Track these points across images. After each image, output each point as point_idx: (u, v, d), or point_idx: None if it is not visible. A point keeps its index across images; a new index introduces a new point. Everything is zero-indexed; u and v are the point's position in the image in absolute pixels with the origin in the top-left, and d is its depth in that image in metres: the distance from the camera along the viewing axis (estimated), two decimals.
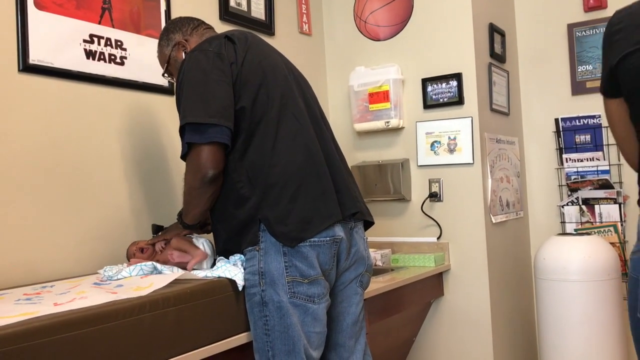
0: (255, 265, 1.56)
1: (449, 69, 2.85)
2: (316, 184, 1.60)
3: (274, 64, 1.70)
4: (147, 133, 2.20)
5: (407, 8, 2.98)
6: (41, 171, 1.85)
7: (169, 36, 1.85)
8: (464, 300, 2.82)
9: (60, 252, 1.88)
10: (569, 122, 3.22)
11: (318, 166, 1.63)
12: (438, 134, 2.87)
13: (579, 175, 3.18)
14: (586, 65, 3.18)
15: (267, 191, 1.57)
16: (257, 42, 1.73)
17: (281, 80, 1.68)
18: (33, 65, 1.84)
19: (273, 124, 1.61)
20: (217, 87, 1.57)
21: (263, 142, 1.59)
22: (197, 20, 1.90)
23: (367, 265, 1.78)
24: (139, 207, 2.14)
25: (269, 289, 1.53)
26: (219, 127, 1.54)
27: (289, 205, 1.56)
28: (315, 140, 1.67)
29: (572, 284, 2.67)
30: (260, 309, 1.54)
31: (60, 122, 1.91)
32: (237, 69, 1.61)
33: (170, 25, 1.88)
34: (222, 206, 1.64)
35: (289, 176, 1.58)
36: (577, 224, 3.16)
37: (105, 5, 2.06)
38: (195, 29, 1.86)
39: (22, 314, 1.19)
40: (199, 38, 1.82)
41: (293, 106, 1.66)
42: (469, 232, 2.80)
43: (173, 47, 1.84)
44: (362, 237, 1.77)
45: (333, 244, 1.61)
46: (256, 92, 1.61)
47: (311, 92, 1.84)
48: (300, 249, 1.55)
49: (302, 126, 1.65)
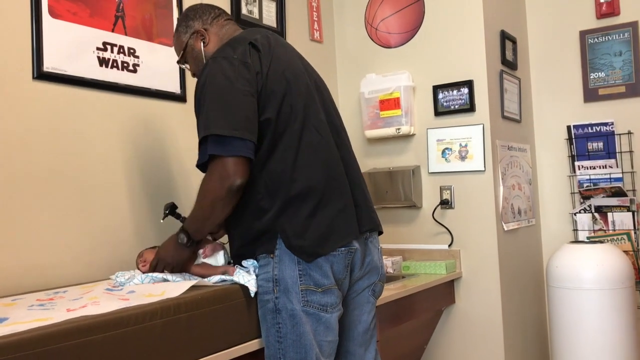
0: (269, 272, 1.55)
1: (460, 76, 2.84)
2: (336, 200, 1.59)
3: (296, 72, 1.67)
4: (159, 140, 2.21)
5: (418, 15, 2.98)
6: (54, 177, 1.86)
7: (187, 23, 1.78)
8: (476, 308, 2.80)
9: (72, 258, 1.89)
10: (581, 129, 3.20)
11: (338, 181, 1.62)
12: (449, 141, 2.87)
13: (591, 183, 3.16)
14: (598, 72, 3.16)
15: (286, 204, 1.55)
16: (279, 48, 1.68)
17: (304, 89, 1.65)
18: (47, 72, 1.86)
19: (295, 136, 1.58)
20: (242, 98, 1.52)
21: (285, 154, 1.56)
22: (218, 9, 1.83)
23: (381, 274, 1.77)
24: (150, 214, 2.14)
25: (282, 296, 1.53)
26: (243, 140, 1.49)
27: (307, 219, 1.54)
28: (337, 154, 1.66)
29: (585, 292, 2.65)
30: (274, 316, 1.53)
31: (73, 129, 1.93)
32: (262, 79, 1.57)
33: (190, 11, 1.81)
34: (240, 215, 1.61)
35: (309, 190, 1.56)
36: (590, 232, 3.14)
37: (119, 13, 2.08)
38: (216, 18, 1.78)
39: (35, 319, 1.20)
40: (218, 29, 1.77)
41: (315, 118, 1.64)
42: (480, 239, 2.79)
43: (191, 34, 1.77)
44: (376, 246, 1.76)
45: (347, 254, 1.60)
46: (280, 103, 1.57)
47: (330, 97, 1.81)
48: (316, 259, 1.54)
49: (324, 139, 1.63)
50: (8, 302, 1.49)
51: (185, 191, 2.26)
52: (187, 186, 2.27)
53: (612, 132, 3.11)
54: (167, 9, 2.26)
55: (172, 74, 2.27)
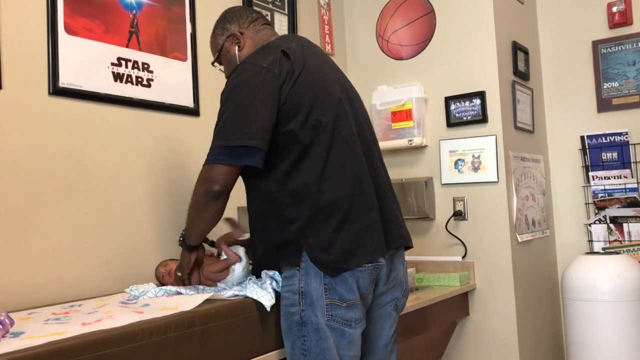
0: (295, 285, 1.54)
1: (472, 87, 2.84)
2: (363, 215, 1.58)
3: (327, 83, 1.65)
4: (173, 154, 2.23)
5: (430, 27, 2.99)
6: (70, 191, 1.88)
7: (225, 25, 1.79)
8: (490, 320, 2.78)
9: (87, 272, 1.91)
10: (595, 139, 3.18)
11: (367, 196, 1.60)
12: (462, 152, 2.86)
13: (606, 193, 3.13)
14: (612, 82, 3.15)
15: (312, 217, 1.53)
16: (313, 58, 1.67)
17: (335, 101, 1.63)
18: (63, 88, 1.89)
19: (324, 149, 1.56)
20: (261, 107, 1.52)
21: (313, 166, 1.55)
22: (256, 13, 1.83)
23: (404, 290, 1.76)
24: (164, 228, 2.16)
25: (308, 309, 1.51)
26: (254, 149, 1.50)
27: (333, 234, 1.53)
28: (365, 168, 1.64)
29: (602, 304, 2.62)
30: (299, 329, 1.52)
31: (88, 144, 1.95)
32: (287, 89, 1.55)
33: (229, 14, 1.81)
34: (264, 224, 1.61)
35: (336, 204, 1.54)
36: (605, 243, 3.11)
37: (133, 29, 2.11)
38: (253, 22, 1.78)
39: (51, 333, 1.21)
40: (254, 34, 1.77)
41: (345, 130, 1.62)
42: (494, 251, 2.77)
43: (227, 37, 1.77)
44: (401, 262, 1.75)
45: (374, 270, 1.59)
46: (306, 115, 1.56)
47: (363, 110, 1.79)
48: (341, 274, 1.53)
49: (353, 152, 1.61)
50: (24, 315, 1.50)
51: None
52: None
53: (627, 142, 3.09)
54: (181, 24, 2.29)
55: (186, 89, 2.29)
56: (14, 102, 1.77)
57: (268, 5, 2.72)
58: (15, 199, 1.74)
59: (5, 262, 1.71)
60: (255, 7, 2.64)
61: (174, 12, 2.27)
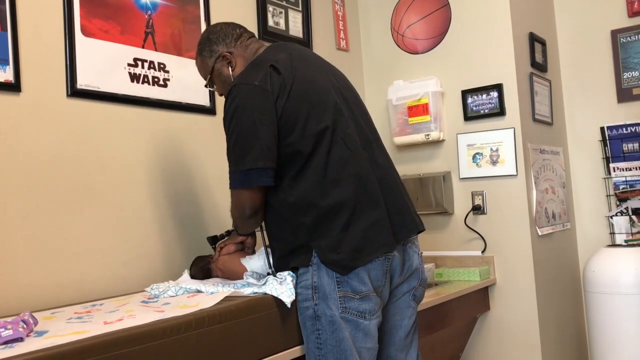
0: (308, 280, 1.58)
1: (489, 80, 2.82)
2: (369, 213, 1.60)
3: (321, 90, 1.67)
4: (190, 152, 2.24)
5: (445, 20, 2.97)
6: (89, 192, 1.90)
7: (211, 47, 1.79)
8: (511, 314, 2.76)
9: (108, 271, 1.93)
10: (616, 130, 3.14)
11: (370, 194, 1.62)
12: (480, 145, 2.84)
13: (627, 185, 3.09)
14: (632, 72, 3.10)
15: (319, 220, 1.57)
16: (302, 66, 1.69)
17: (330, 107, 1.65)
18: (81, 89, 1.91)
19: (323, 154, 1.59)
20: (264, 128, 1.57)
21: (314, 172, 1.59)
22: (239, 27, 1.83)
23: (421, 279, 1.78)
24: (183, 226, 2.17)
25: (321, 303, 1.55)
26: (262, 170, 1.56)
27: (341, 234, 1.56)
28: (367, 166, 1.65)
29: (625, 297, 2.59)
30: (313, 323, 1.56)
31: (107, 144, 1.97)
32: (282, 104, 1.59)
33: (212, 34, 1.80)
34: (277, 231, 1.68)
35: (341, 205, 1.57)
36: (628, 235, 3.06)
37: (148, 29, 2.12)
38: (239, 39, 1.79)
39: (73, 332, 1.23)
40: (243, 50, 1.78)
41: (343, 132, 1.64)
42: (514, 245, 2.75)
43: (217, 59, 1.78)
44: (416, 251, 1.76)
45: (385, 261, 1.61)
46: (303, 126, 1.59)
47: (361, 108, 1.81)
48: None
49: (353, 152, 1.63)
50: (48, 315, 1.52)
51: (217, 203, 2.29)
52: (220, 197, 2.29)
53: None
54: (196, 24, 2.30)
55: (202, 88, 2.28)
56: (33, 104, 1.79)
57: (282, 3, 2.72)
58: (36, 201, 1.77)
59: (28, 263, 1.73)
60: (270, 4, 2.65)
61: (189, 12, 2.28)
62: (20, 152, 1.75)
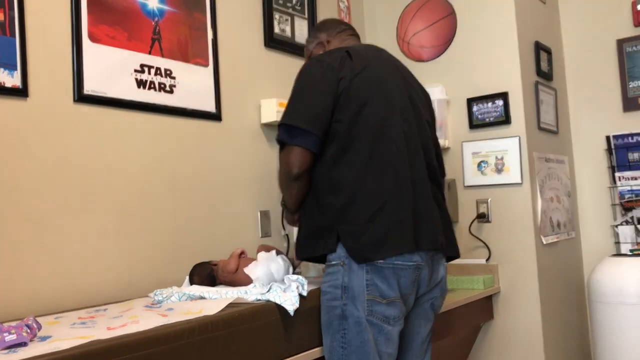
0: (338, 280, 1.60)
1: (494, 88, 2.82)
2: (395, 211, 1.61)
3: (385, 85, 1.74)
4: (196, 159, 2.24)
5: (451, 28, 2.97)
6: (94, 197, 1.91)
7: (316, 34, 1.99)
8: (515, 323, 2.75)
9: (112, 277, 1.93)
10: (621, 139, 3.13)
11: (402, 194, 1.64)
12: (485, 153, 2.84)
13: (633, 194, 3.08)
14: (638, 81, 3.09)
15: (349, 206, 1.61)
16: (376, 61, 1.78)
17: (391, 103, 1.71)
18: (87, 95, 1.91)
19: (369, 144, 1.64)
20: (319, 96, 1.66)
21: (356, 158, 1.64)
22: (345, 25, 2.02)
23: (443, 290, 1.81)
24: (188, 232, 2.18)
25: (350, 304, 1.58)
26: (308, 133, 1.62)
27: (367, 224, 1.59)
28: (407, 170, 1.67)
29: (630, 307, 2.57)
30: (340, 322, 1.58)
31: (113, 150, 1.98)
32: (345, 83, 1.67)
33: (321, 24, 2.04)
34: (309, 208, 1.72)
35: (373, 196, 1.61)
36: (633, 245, 3.05)
37: (155, 35, 2.13)
38: (341, 32, 1.96)
39: (77, 337, 1.23)
40: (340, 42, 1.93)
41: (394, 130, 1.68)
42: (519, 253, 2.74)
43: (316, 44, 1.96)
44: (442, 263, 1.79)
45: (415, 270, 1.63)
46: (358, 110, 1.66)
47: (428, 115, 1.88)
48: (383, 270, 1.58)
49: (398, 151, 1.67)
50: (51, 320, 1.53)
51: (222, 209, 2.29)
52: (226, 202, 2.29)
53: None
54: (202, 30, 2.31)
55: (208, 94, 2.31)
56: (40, 109, 1.80)
57: (288, 10, 2.73)
58: (41, 205, 1.77)
59: (33, 268, 1.74)
60: (276, 12, 2.65)
61: (195, 18, 2.29)
62: (27, 156, 1.75)
